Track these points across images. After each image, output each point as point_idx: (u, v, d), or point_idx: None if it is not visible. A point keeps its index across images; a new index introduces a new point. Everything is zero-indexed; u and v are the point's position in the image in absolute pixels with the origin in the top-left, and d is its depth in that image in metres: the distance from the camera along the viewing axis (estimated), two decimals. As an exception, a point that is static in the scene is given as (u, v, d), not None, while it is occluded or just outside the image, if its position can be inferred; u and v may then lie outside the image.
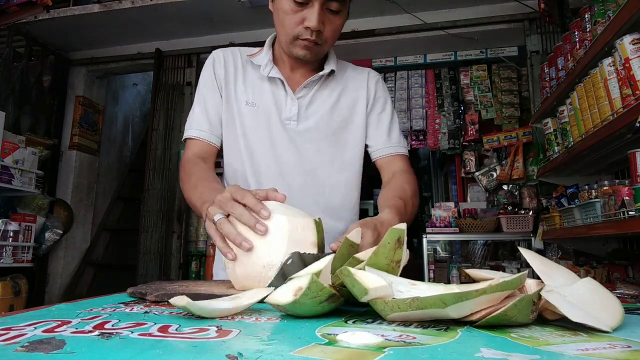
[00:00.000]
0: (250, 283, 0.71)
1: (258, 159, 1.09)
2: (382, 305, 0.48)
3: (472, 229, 3.21)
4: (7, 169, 3.09)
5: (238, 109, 1.10)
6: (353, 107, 1.15)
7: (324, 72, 1.11)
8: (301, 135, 1.10)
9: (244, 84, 1.12)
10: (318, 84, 1.13)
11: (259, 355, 0.35)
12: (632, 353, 0.37)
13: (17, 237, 3.16)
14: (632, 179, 1.49)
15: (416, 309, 0.45)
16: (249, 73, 1.14)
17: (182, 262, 3.70)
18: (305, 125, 1.10)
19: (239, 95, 1.11)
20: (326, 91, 1.14)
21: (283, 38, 1.04)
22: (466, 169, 3.71)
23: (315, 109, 1.12)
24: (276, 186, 1.01)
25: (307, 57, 1.04)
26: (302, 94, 1.11)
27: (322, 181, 1.10)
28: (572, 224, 2.07)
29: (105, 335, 0.42)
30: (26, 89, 3.72)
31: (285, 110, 1.10)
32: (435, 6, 3.42)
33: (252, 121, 1.09)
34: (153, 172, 3.84)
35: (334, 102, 1.13)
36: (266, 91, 1.11)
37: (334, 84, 1.15)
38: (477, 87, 3.77)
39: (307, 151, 1.10)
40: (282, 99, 1.11)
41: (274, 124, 1.09)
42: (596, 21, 1.78)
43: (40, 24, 3.65)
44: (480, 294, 0.44)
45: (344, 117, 1.14)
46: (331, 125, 1.12)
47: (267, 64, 1.11)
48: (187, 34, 3.89)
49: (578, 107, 1.94)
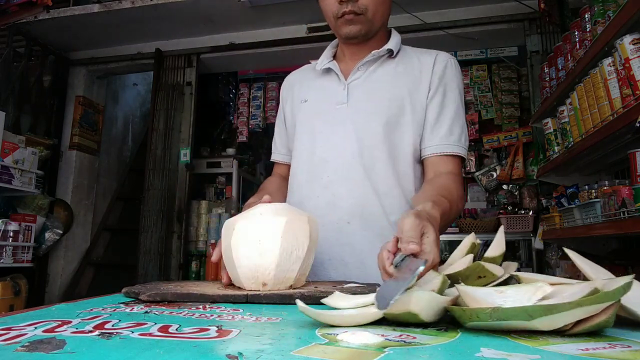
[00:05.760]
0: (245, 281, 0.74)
1: (303, 150, 1.10)
2: (459, 312, 0.46)
3: (472, 229, 3.21)
4: (7, 169, 3.09)
5: (295, 112, 1.15)
6: (415, 89, 1.04)
7: (378, 52, 1.06)
8: (349, 118, 1.04)
9: (301, 87, 1.17)
10: (374, 65, 1.08)
11: (259, 355, 0.35)
12: (632, 353, 0.37)
13: (17, 237, 3.16)
14: (632, 179, 1.48)
15: (496, 320, 0.42)
16: (308, 76, 1.18)
17: (182, 262, 3.69)
18: (355, 107, 1.05)
19: (296, 99, 1.16)
20: (382, 72, 1.07)
21: (332, 25, 1.06)
22: (466, 169, 3.71)
23: (370, 89, 1.05)
24: (317, 174, 1.05)
25: (353, 31, 1.02)
26: (355, 77, 1.08)
27: (372, 165, 1.02)
28: (572, 224, 2.07)
29: (106, 335, 0.42)
30: (26, 89, 3.71)
31: (337, 95, 1.07)
32: (435, 6, 3.42)
33: (304, 115, 1.11)
34: (153, 172, 3.84)
35: (390, 83, 1.05)
36: (319, 85, 1.13)
37: (393, 65, 1.08)
38: (477, 87, 3.77)
39: (355, 134, 1.02)
40: (334, 86, 1.09)
41: (323, 111, 1.08)
42: (596, 21, 1.77)
43: (40, 24, 3.65)
44: (574, 306, 0.40)
45: (401, 99, 1.03)
46: (385, 107, 1.03)
47: (322, 60, 1.12)
48: (187, 34, 3.89)
49: (578, 107, 1.94)
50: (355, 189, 1.01)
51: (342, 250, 1.00)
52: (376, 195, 1.01)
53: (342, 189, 1.02)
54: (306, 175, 1.07)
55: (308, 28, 3.65)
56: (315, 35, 3.63)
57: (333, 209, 1.01)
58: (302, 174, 1.09)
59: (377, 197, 1.01)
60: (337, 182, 1.02)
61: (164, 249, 3.68)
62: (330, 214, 1.01)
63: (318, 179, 1.05)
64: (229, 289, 0.74)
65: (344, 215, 1.01)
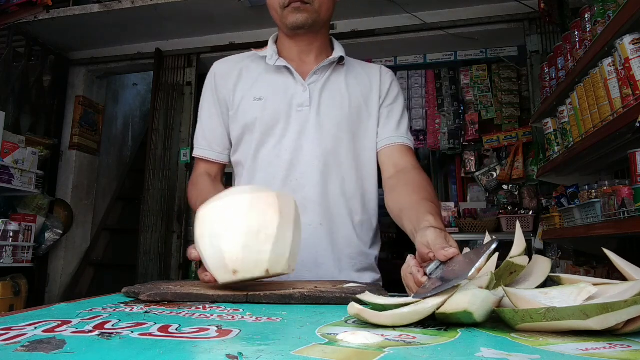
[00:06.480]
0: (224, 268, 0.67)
1: (266, 151, 1.06)
2: (511, 314, 0.44)
3: (472, 229, 3.21)
4: (7, 169, 3.09)
5: (246, 107, 1.08)
6: (368, 96, 1.11)
7: (333, 58, 1.09)
8: (315, 122, 1.05)
9: (251, 82, 1.10)
10: (329, 70, 1.10)
11: (259, 355, 0.35)
12: (632, 353, 0.37)
13: (17, 237, 3.16)
14: (632, 179, 1.48)
15: (551, 320, 0.42)
16: (254, 70, 1.12)
17: (182, 262, 3.69)
18: (319, 111, 1.06)
19: (246, 95, 1.09)
20: (339, 78, 1.10)
21: (277, 16, 1.05)
22: (466, 169, 3.71)
23: (330, 94, 1.08)
24: (285, 176, 1.04)
25: (301, 20, 1.02)
26: (313, 80, 1.08)
27: (336, 169, 1.06)
28: (572, 224, 2.07)
29: (106, 335, 0.42)
30: (26, 89, 3.71)
31: (297, 97, 1.06)
32: (435, 6, 3.42)
33: (261, 114, 1.06)
34: (153, 172, 3.84)
35: (348, 89, 1.10)
36: (274, 82, 1.08)
37: (346, 72, 1.12)
38: (477, 87, 3.77)
39: (321, 137, 1.05)
40: (291, 86, 1.07)
41: (284, 113, 1.06)
42: (596, 21, 1.77)
43: (40, 24, 3.65)
44: (630, 304, 0.39)
45: (359, 105, 1.10)
46: (347, 112, 1.08)
47: (272, 55, 1.09)
48: (187, 34, 3.89)
49: (578, 107, 1.94)
50: (324, 192, 1.04)
51: (316, 251, 1.02)
52: (344, 198, 1.06)
53: (312, 192, 1.03)
54: (271, 178, 1.05)
55: (308, 28, 3.65)
56: (315, 35, 3.63)
57: (304, 212, 1.02)
58: (266, 177, 1.06)
59: (345, 200, 1.06)
60: (306, 185, 1.04)
61: (164, 249, 3.68)
62: (301, 216, 1.02)
63: (287, 182, 1.04)
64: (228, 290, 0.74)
65: (316, 217, 1.03)
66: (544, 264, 0.62)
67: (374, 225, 1.12)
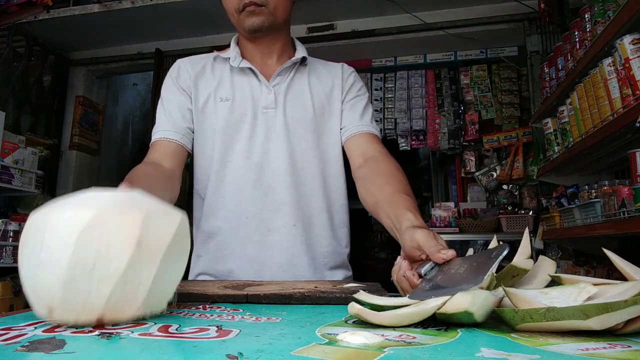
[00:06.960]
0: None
1: (234, 154, 1.05)
2: (511, 314, 0.45)
3: (472, 229, 3.21)
4: (7, 169, 3.09)
5: (211, 108, 1.07)
6: (330, 94, 1.13)
7: (295, 59, 1.10)
8: (281, 123, 1.07)
9: (215, 82, 1.10)
10: (292, 71, 1.11)
11: (259, 355, 0.35)
12: (632, 353, 0.37)
13: (17, 237, 3.16)
14: (632, 179, 1.49)
15: (551, 320, 0.42)
16: (219, 70, 1.12)
17: (182, 262, 3.69)
18: (284, 112, 1.07)
19: (212, 95, 1.08)
20: (302, 79, 1.12)
21: (235, 20, 1.06)
22: (466, 169, 3.71)
23: (295, 95, 1.10)
24: (255, 179, 1.04)
25: (257, 23, 1.02)
26: (277, 82, 1.09)
27: (305, 169, 1.07)
28: (572, 224, 2.07)
29: (106, 335, 0.42)
30: (26, 89, 3.71)
31: (262, 99, 1.07)
32: (435, 6, 3.42)
33: (228, 115, 1.06)
34: (153, 172, 3.84)
35: (311, 90, 1.12)
36: (239, 84, 1.09)
37: (308, 72, 1.14)
38: (477, 87, 3.77)
39: (288, 139, 1.06)
40: (256, 88, 1.08)
41: (250, 114, 1.06)
42: (596, 21, 1.78)
43: (40, 24, 3.65)
44: (630, 304, 0.39)
45: (322, 105, 1.11)
46: (311, 113, 1.09)
47: (236, 57, 1.10)
48: (187, 34, 3.89)
49: (578, 107, 1.94)
50: (295, 194, 1.05)
51: (291, 253, 1.03)
52: (315, 198, 1.07)
53: (284, 194, 1.04)
54: (241, 180, 1.04)
55: (308, 28, 3.65)
56: (315, 35, 3.63)
57: (277, 214, 1.03)
58: (235, 180, 1.05)
59: (315, 199, 1.07)
60: (277, 187, 1.04)
61: (164, 249, 3.68)
62: (275, 218, 1.04)
63: (257, 184, 1.04)
64: (228, 290, 0.74)
65: (289, 219, 1.04)
66: (549, 267, 0.61)
67: (345, 221, 1.13)
